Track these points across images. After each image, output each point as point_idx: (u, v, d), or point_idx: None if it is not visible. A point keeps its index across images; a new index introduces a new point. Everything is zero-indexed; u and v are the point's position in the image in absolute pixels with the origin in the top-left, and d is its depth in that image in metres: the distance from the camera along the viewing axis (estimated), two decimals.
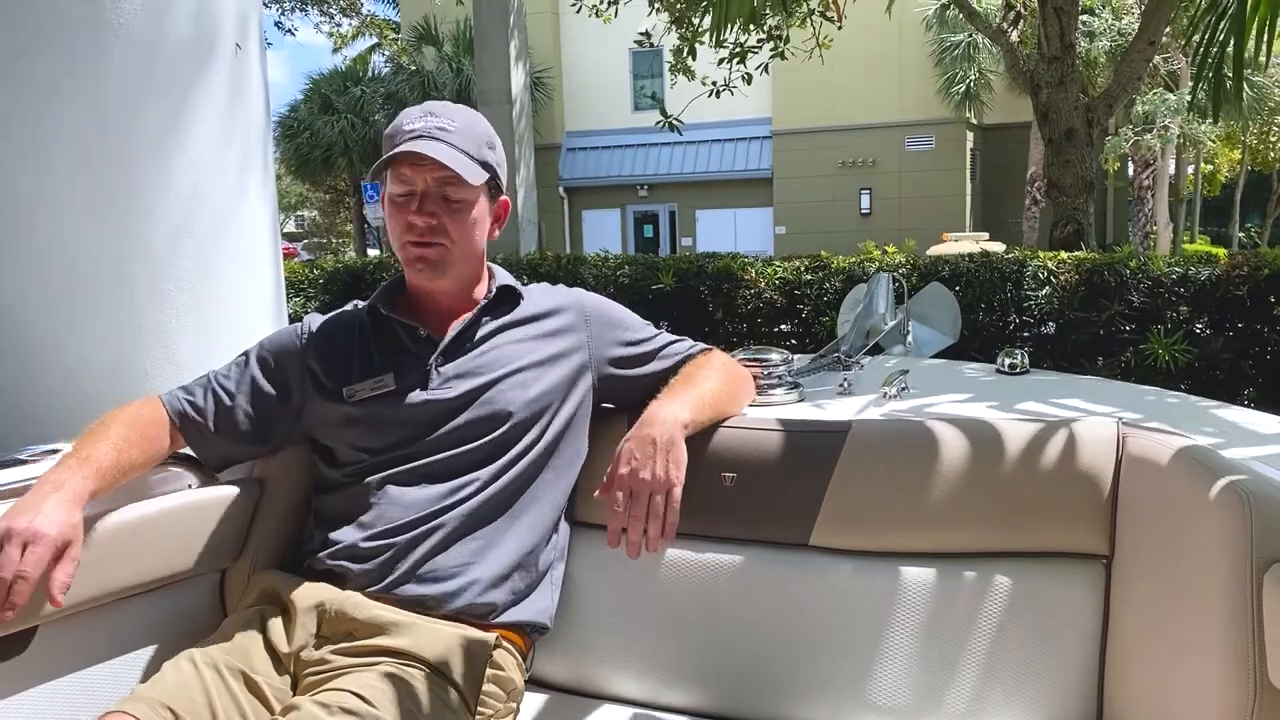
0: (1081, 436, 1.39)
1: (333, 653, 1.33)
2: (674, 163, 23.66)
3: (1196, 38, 3.00)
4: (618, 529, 1.35)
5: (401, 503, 1.41)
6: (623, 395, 1.59)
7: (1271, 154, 24.07)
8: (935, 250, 10.94)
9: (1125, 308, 4.59)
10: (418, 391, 1.46)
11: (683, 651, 1.48)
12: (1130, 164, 20.60)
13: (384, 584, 1.37)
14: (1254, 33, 2.77)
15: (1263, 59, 2.56)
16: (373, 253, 25.53)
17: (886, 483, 1.43)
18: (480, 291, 1.56)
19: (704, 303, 5.40)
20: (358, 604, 1.36)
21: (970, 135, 22.13)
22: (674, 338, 1.62)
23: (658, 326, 1.65)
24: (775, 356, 1.79)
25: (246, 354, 1.56)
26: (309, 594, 1.38)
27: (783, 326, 5.37)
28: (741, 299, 5.33)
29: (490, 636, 1.38)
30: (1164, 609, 1.26)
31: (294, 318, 1.87)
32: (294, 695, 1.31)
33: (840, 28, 7.23)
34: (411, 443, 1.44)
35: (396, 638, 1.33)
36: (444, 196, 1.46)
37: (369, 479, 1.44)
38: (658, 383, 1.54)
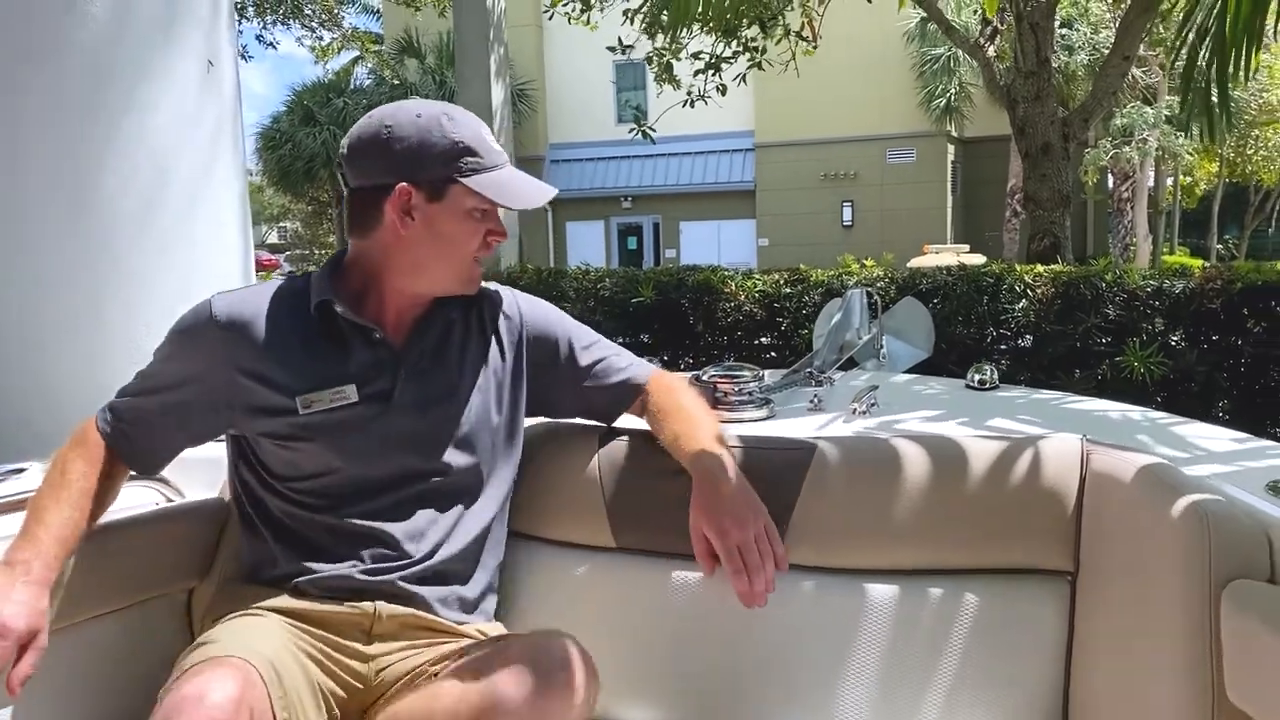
0: (1046, 454, 1.40)
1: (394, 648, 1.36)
2: (658, 175, 23.73)
3: (1180, 57, 3.03)
4: (748, 589, 1.34)
5: (381, 525, 1.39)
6: (555, 404, 1.59)
7: (1248, 166, 24.31)
8: (916, 262, 11.00)
9: (1101, 320, 4.62)
10: (382, 405, 1.41)
11: (646, 670, 1.48)
12: (1110, 176, 20.78)
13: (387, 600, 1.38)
14: (1234, 53, 2.80)
15: (1243, 76, 2.59)
16: None
17: (851, 501, 1.43)
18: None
19: (684, 315, 5.41)
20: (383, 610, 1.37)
21: (951, 148, 22.29)
22: (614, 349, 1.60)
23: (639, 340, 1.67)
24: (745, 374, 1.80)
25: (159, 355, 1.44)
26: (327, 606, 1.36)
27: (762, 339, 5.39)
28: (722, 312, 5.35)
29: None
30: (1127, 626, 1.27)
31: None
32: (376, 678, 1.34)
33: (815, 48, 7.28)
34: (374, 459, 1.41)
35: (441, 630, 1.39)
36: None
37: (333, 496, 1.40)
38: (593, 395, 1.55)
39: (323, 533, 1.40)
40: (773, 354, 5.32)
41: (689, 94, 7.39)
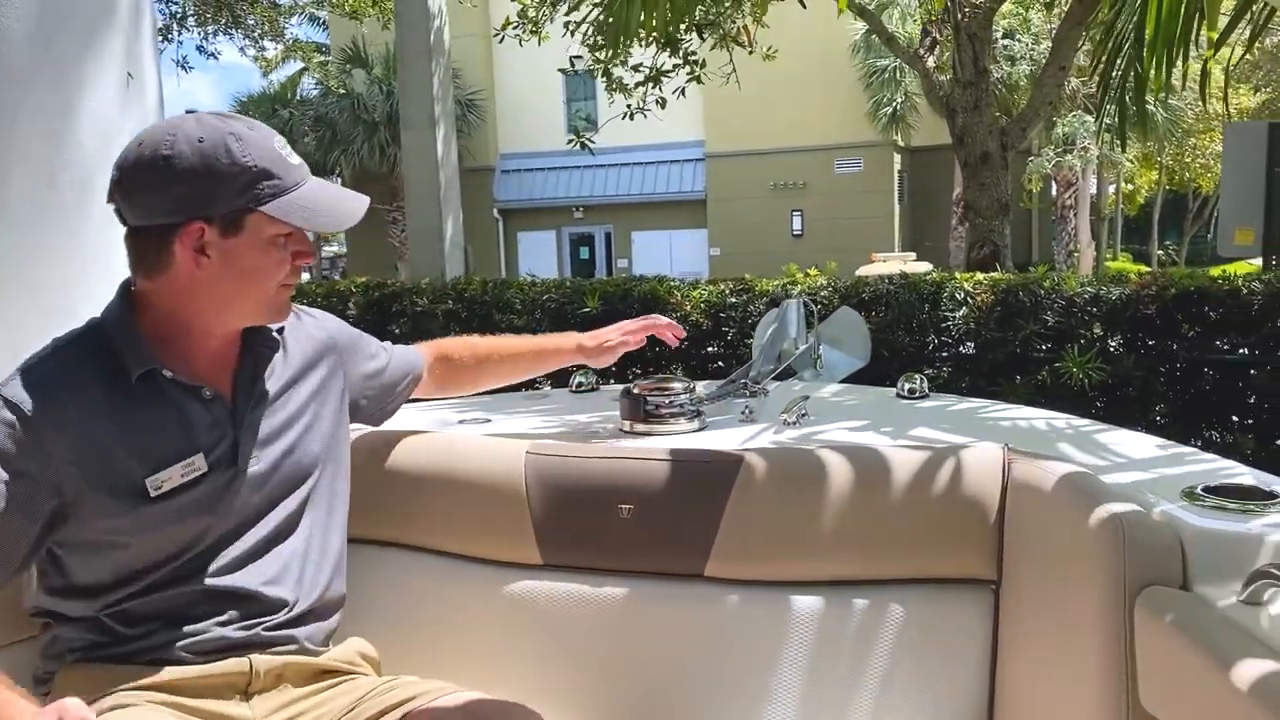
0: (968, 463, 1.40)
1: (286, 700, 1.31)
2: (609, 185, 23.75)
3: (1101, 67, 3.09)
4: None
5: (241, 579, 1.31)
6: (365, 411, 1.58)
7: (1187, 174, 24.89)
8: (864, 270, 11.11)
9: (1040, 327, 4.68)
10: (230, 465, 1.30)
11: (574, 687, 1.46)
12: (1053, 184, 21.16)
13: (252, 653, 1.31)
14: (1153, 63, 2.86)
15: (1172, 83, 2.65)
16: (304, 276, 25.19)
17: (779, 511, 1.43)
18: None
19: None
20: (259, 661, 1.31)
21: (898, 157, 22.57)
22: (387, 344, 1.65)
23: None
24: (676, 385, 1.79)
25: None
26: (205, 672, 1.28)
27: (709, 349, 5.40)
28: None
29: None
30: (1048, 634, 1.27)
31: None
32: None
33: (750, 53, 7.32)
34: (229, 518, 1.31)
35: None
36: None
37: (188, 566, 1.28)
38: (392, 396, 1.61)
39: (183, 602, 1.28)
40: (720, 364, 5.33)
41: (628, 106, 7.39)
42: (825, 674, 1.38)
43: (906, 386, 2.04)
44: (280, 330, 1.41)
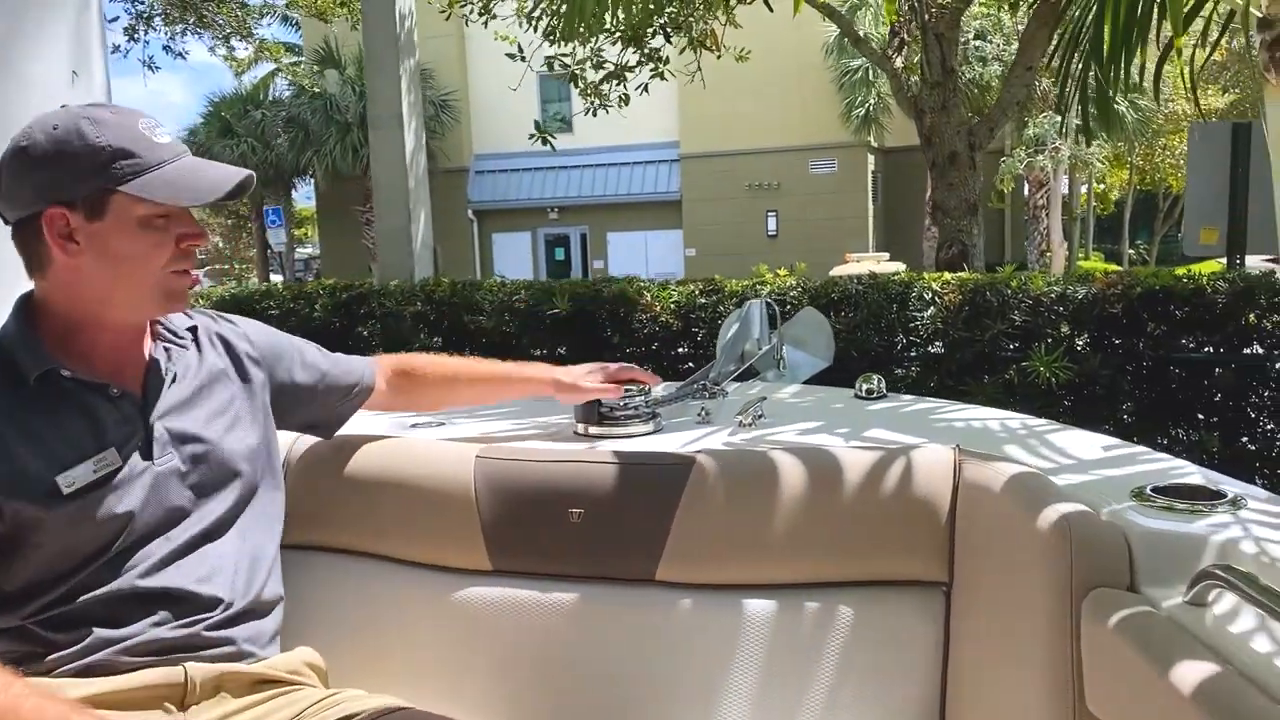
0: (918, 464, 1.39)
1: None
2: (584, 186, 23.73)
3: (1061, 65, 3.11)
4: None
5: (170, 579, 1.28)
6: (306, 420, 1.57)
7: (1157, 174, 25.13)
8: (838, 270, 11.15)
9: (1008, 326, 4.69)
10: (144, 463, 1.27)
11: (523, 693, 1.44)
12: (1025, 184, 21.31)
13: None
14: (1114, 61, 2.88)
15: (1141, 84, 2.67)
16: (276, 278, 25.04)
17: (730, 515, 1.41)
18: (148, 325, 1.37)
19: (601, 327, 5.38)
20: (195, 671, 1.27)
21: (872, 158, 22.67)
22: (338, 355, 1.63)
23: (556, 352, 1.73)
24: (633, 388, 1.77)
25: None
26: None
27: (679, 349, 5.38)
28: (638, 323, 5.33)
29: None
30: (998, 636, 1.27)
31: None
32: None
33: (719, 57, 7.32)
34: (147, 516, 1.28)
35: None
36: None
37: (112, 566, 1.26)
38: (330, 396, 1.57)
39: (113, 604, 1.25)
40: (690, 364, 5.32)
41: (591, 103, 7.36)
42: (777, 677, 1.37)
43: (864, 387, 2.03)
44: (194, 331, 1.41)
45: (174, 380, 1.35)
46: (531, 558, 1.47)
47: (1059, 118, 18.62)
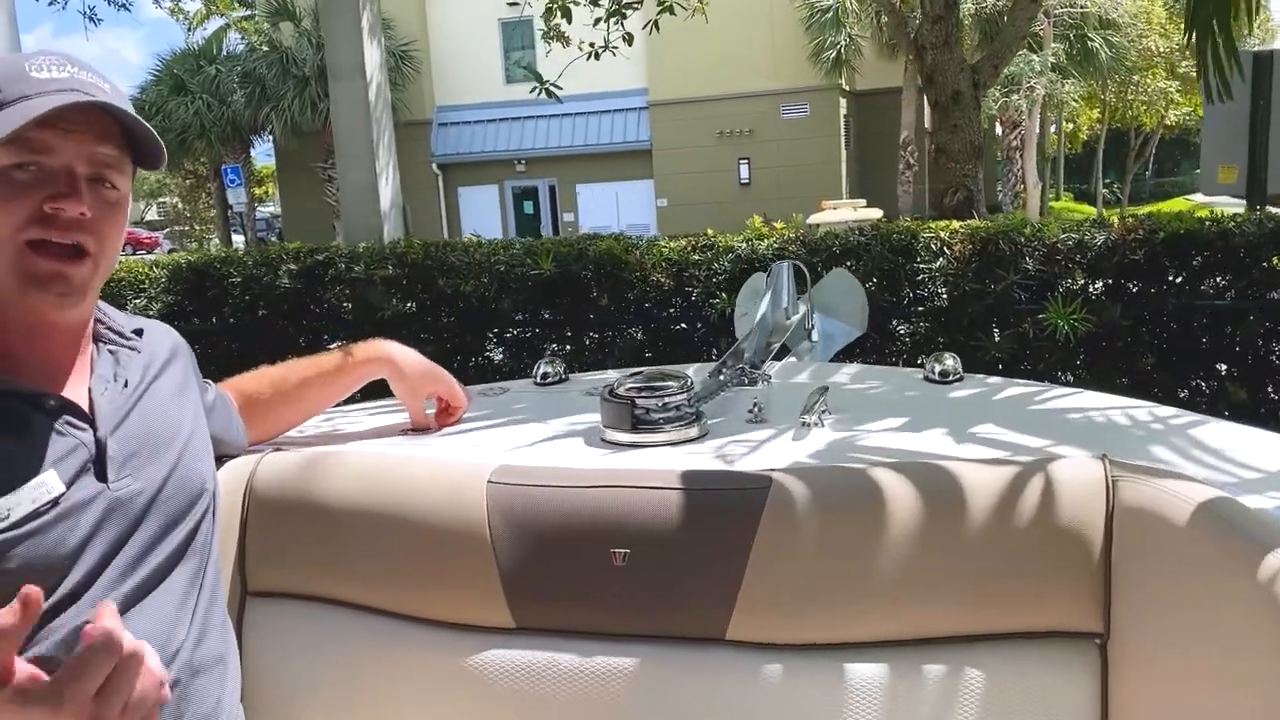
0: (1059, 481, 1.10)
1: None
2: (551, 136, 23.26)
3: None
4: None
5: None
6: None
7: (1129, 111, 24.96)
8: (815, 219, 10.85)
9: (1021, 277, 4.44)
10: (95, 485, 1.02)
11: None
12: (999, 125, 21.09)
13: None
14: None
15: (1115, 19, 2.37)
16: (237, 239, 24.39)
17: (821, 553, 1.11)
18: (89, 325, 1.12)
19: (587, 288, 5.06)
20: None
21: (843, 102, 22.32)
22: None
23: (541, 315, 1.45)
24: (671, 384, 1.45)
25: None
26: None
27: (671, 309, 5.09)
28: (627, 283, 5.01)
29: None
30: (1180, 700, 0.98)
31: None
32: None
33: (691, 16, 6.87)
34: (102, 556, 1.01)
35: None
36: (100, 180, 1.02)
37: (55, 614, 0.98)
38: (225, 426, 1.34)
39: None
40: (683, 325, 5.03)
41: (590, 45, 6.90)
42: None
43: (937, 369, 1.71)
44: (139, 333, 1.18)
45: (125, 387, 1.10)
46: (564, 611, 1.17)
47: (1034, 56, 18.37)
